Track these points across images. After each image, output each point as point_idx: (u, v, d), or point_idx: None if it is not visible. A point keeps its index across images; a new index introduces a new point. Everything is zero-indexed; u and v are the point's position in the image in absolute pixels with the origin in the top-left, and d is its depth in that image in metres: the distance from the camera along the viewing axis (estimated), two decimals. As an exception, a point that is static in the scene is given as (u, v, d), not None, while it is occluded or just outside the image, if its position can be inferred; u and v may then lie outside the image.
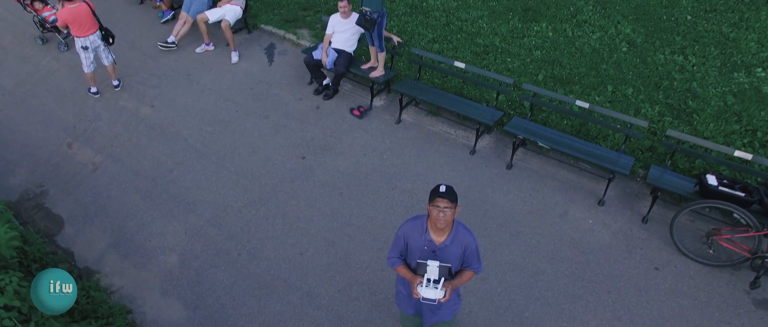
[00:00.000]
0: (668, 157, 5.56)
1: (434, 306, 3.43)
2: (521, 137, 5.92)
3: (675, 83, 7.12)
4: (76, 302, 4.47)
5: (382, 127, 6.76)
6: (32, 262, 4.76)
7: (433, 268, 3.19)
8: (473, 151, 6.36)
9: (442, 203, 3.03)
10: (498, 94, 6.37)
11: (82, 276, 5.04)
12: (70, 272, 4.97)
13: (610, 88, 7.03)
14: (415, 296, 3.25)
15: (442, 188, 3.05)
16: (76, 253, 5.33)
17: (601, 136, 6.22)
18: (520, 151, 6.32)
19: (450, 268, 3.24)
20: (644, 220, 5.45)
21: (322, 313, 4.64)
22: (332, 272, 4.98)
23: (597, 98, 6.78)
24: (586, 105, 5.75)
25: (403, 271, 3.40)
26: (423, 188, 5.82)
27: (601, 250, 5.15)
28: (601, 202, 5.66)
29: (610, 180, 5.60)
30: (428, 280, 3.20)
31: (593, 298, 4.73)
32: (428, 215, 3.20)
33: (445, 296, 3.19)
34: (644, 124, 5.48)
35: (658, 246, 5.19)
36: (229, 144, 6.57)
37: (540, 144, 5.83)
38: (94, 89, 7.42)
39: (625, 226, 5.41)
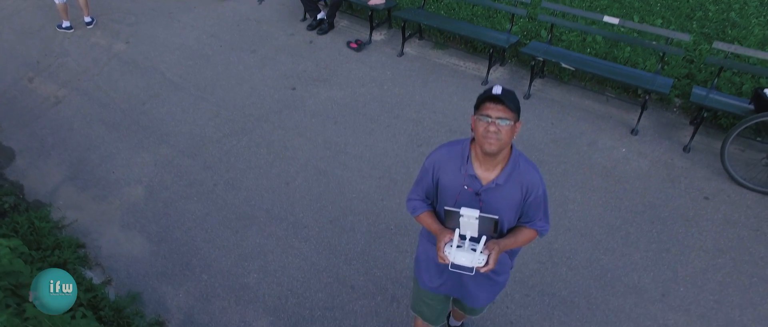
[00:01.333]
0: (715, 75, 4.78)
1: (471, 278, 2.29)
2: (541, 59, 5.15)
3: (709, 14, 6.36)
4: (15, 232, 3.75)
5: (383, 60, 6.00)
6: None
7: (469, 219, 2.00)
8: (485, 81, 5.60)
9: (496, 111, 1.93)
10: (513, 18, 5.59)
11: (29, 209, 4.28)
12: (16, 206, 4.25)
13: (636, 18, 6.26)
14: (440, 261, 2.09)
15: (497, 88, 1.96)
16: (25, 186, 4.59)
17: (631, 64, 5.45)
18: (538, 82, 5.56)
19: (497, 222, 2.01)
20: (686, 149, 4.68)
21: (311, 245, 3.89)
22: (323, 202, 4.23)
23: (622, 29, 5.98)
24: (615, 20, 4.98)
25: (428, 222, 2.24)
26: (430, 117, 5.07)
27: (638, 179, 4.39)
28: (634, 132, 4.90)
29: (643, 107, 4.84)
30: (462, 237, 2.05)
31: (634, 228, 3.97)
32: (473, 136, 2.09)
33: (486, 264, 2.02)
34: (687, 37, 4.70)
35: (704, 175, 4.43)
36: (211, 77, 5.82)
37: (563, 65, 5.07)
38: (66, 24, 6.68)
39: (665, 155, 4.64)
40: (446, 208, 2.07)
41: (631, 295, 3.51)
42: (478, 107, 2.02)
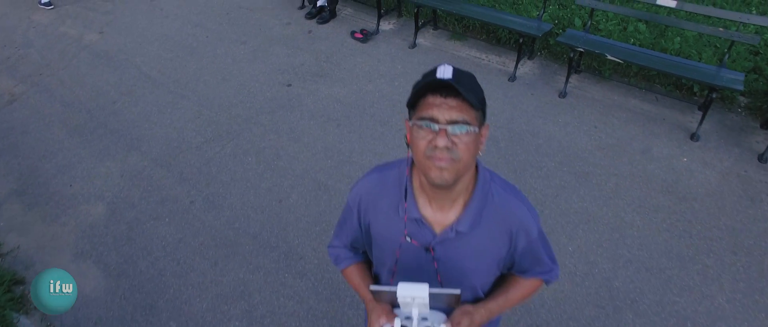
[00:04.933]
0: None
1: None
2: (580, 49, 4.33)
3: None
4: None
5: (393, 52, 5.19)
6: None
7: (413, 301, 1.24)
8: (513, 78, 4.78)
9: (446, 110, 1.14)
10: (545, 1, 4.78)
11: (-37, 232, 3.49)
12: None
13: None
14: None
15: (445, 69, 1.17)
16: (-37, 203, 3.79)
17: (683, 56, 4.63)
18: (574, 78, 4.75)
19: (458, 297, 1.23)
20: (762, 158, 3.88)
21: (308, 282, 3.09)
22: (324, 225, 3.42)
23: (681, 13, 5.13)
24: (672, 3, 4.16)
25: (356, 282, 1.53)
26: (450, 118, 4.24)
27: (708, 197, 3.58)
28: (694, 137, 4.09)
29: (706, 108, 4.02)
30: (408, 319, 1.30)
31: (712, 261, 3.16)
32: (412, 156, 1.25)
33: None
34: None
35: (789, 191, 3.62)
36: (193, 71, 5.02)
37: (609, 57, 4.25)
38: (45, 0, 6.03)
39: (736, 165, 3.84)
40: (372, 288, 1.26)
41: (721, 352, 2.71)
42: (414, 104, 1.18)
